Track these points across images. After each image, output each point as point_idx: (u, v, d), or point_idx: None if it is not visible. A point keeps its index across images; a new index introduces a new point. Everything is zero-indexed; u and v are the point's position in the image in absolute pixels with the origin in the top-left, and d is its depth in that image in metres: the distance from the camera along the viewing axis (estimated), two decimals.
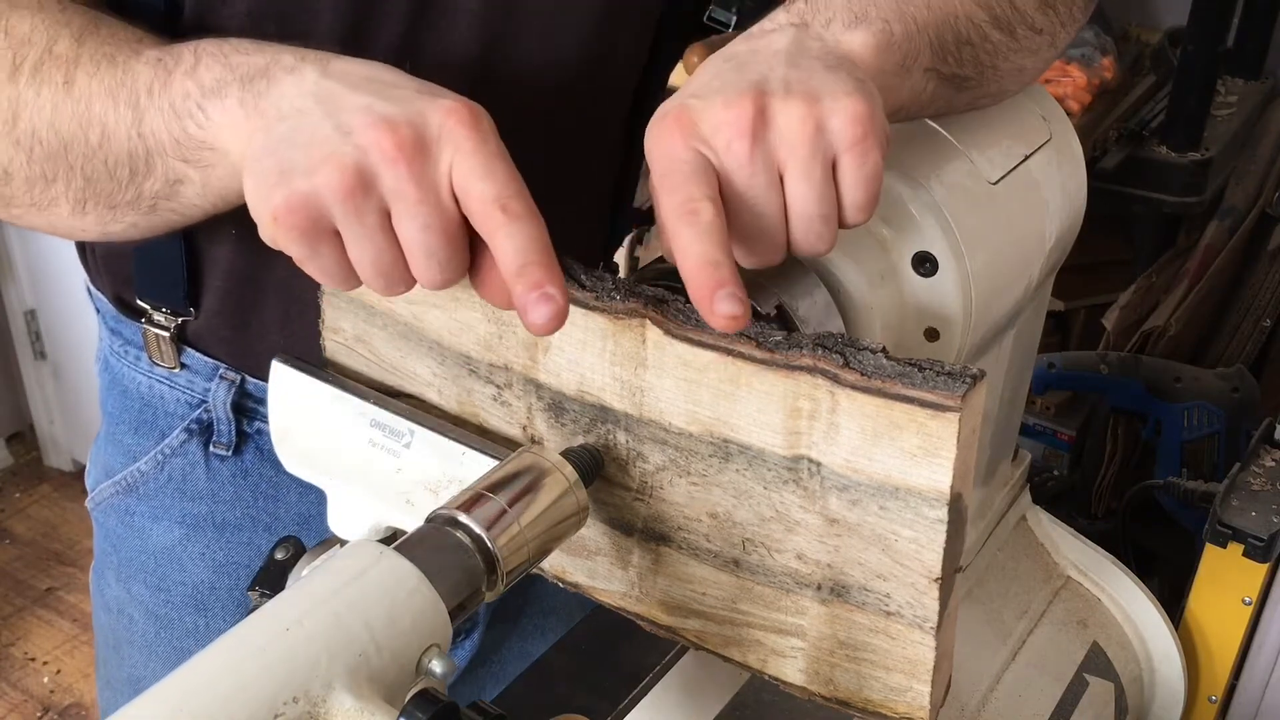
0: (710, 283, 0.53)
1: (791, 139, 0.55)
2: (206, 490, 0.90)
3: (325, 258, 0.56)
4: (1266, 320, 1.56)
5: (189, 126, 0.60)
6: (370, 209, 0.54)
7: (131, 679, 0.98)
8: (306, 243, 0.55)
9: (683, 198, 0.55)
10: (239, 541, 0.91)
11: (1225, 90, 1.98)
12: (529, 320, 0.54)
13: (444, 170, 0.55)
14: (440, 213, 0.54)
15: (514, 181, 0.55)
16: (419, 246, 0.55)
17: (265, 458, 0.89)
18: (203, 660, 0.46)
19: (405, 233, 0.55)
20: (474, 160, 0.54)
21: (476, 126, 0.55)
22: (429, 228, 0.54)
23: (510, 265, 0.54)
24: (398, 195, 0.54)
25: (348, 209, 0.54)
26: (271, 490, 0.90)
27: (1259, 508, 0.90)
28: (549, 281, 0.53)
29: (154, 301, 0.86)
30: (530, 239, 0.54)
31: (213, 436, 0.89)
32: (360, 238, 0.55)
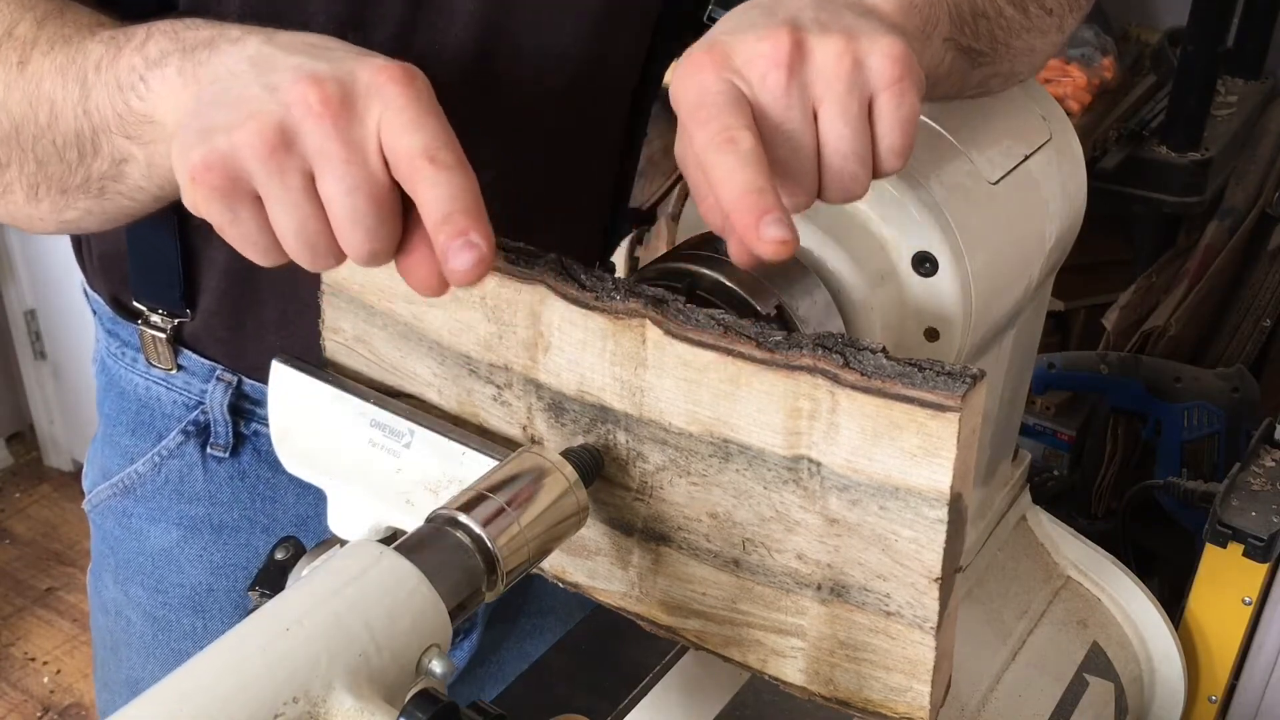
0: (756, 209, 0.51)
1: (829, 74, 0.53)
2: (204, 492, 0.90)
3: (246, 223, 0.53)
4: (1266, 320, 1.56)
5: (131, 100, 0.58)
6: (292, 169, 0.51)
7: (129, 681, 0.97)
8: (225, 204, 0.52)
9: (719, 127, 0.52)
10: (236, 543, 0.91)
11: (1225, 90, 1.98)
12: (449, 268, 0.51)
13: (372, 128, 0.52)
14: (366, 173, 0.51)
15: (444, 133, 0.52)
16: (345, 212, 0.51)
17: (263, 459, 0.89)
18: (203, 660, 0.46)
19: (330, 196, 0.51)
20: (404, 115, 0.51)
21: (409, 83, 0.52)
22: (355, 189, 0.51)
23: (435, 214, 0.51)
24: (322, 154, 0.51)
25: (269, 168, 0.51)
26: (269, 492, 0.90)
27: (1259, 508, 0.90)
28: (474, 229, 0.50)
29: (151, 303, 0.86)
30: (458, 188, 0.51)
31: (210, 438, 0.89)
32: (282, 201, 0.52)
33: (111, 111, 0.59)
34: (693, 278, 0.61)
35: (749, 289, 0.61)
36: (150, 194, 0.62)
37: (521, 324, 0.61)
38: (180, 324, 0.86)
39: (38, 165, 0.63)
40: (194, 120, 0.54)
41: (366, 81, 0.52)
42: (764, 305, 0.61)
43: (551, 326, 0.60)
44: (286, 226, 0.53)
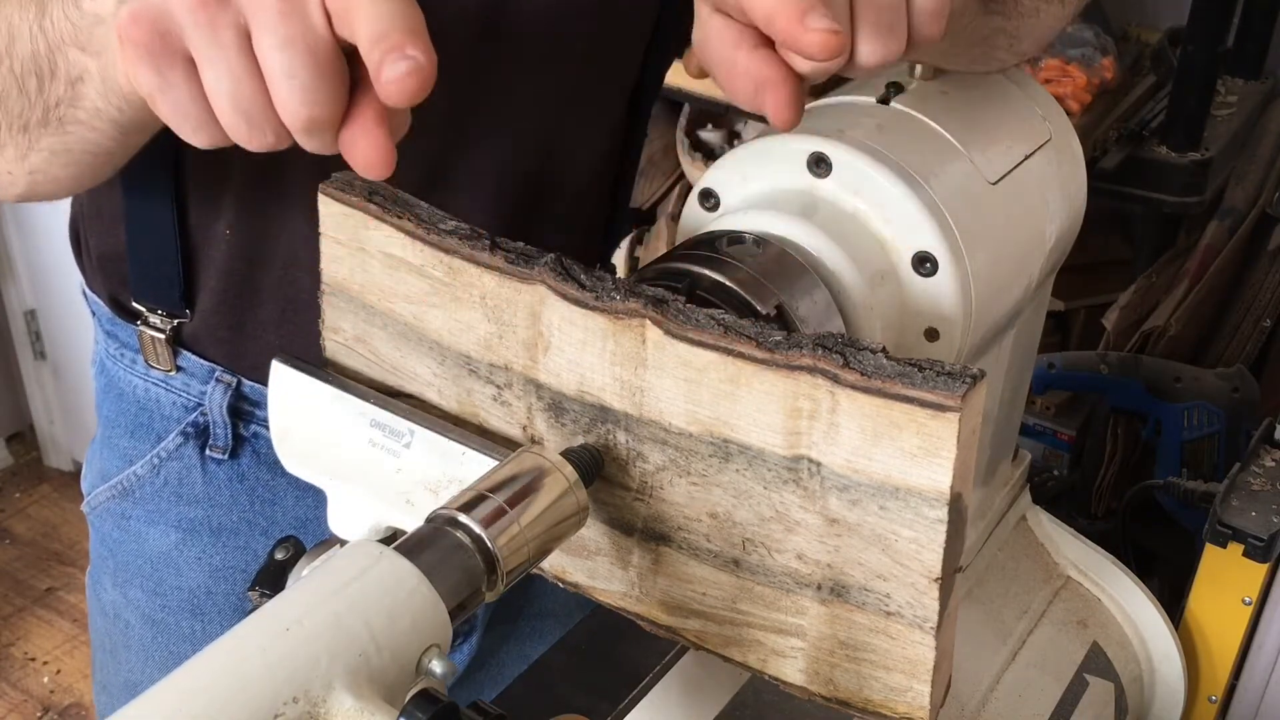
0: (799, 6, 0.49)
1: None
2: (203, 494, 0.90)
3: (177, 87, 0.50)
4: (1266, 320, 1.56)
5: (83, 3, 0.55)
6: (225, 23, 0.48)
7: (128, 683, 0.97)
8: (154, 66, 0.49)
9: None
10: (235, 545, 0.91)
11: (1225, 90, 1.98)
12: (383, 80, 0.47)
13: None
14: (305, 25, 0.48)
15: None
16: (279, 68, 0.48)
17: (262, 461, 0.89)
18: (202, 660, 0.46)
19: (264, 51, 0.48)
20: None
21: None
22: (292, 43, 0.48)
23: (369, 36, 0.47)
24: (256, 4, 0.48)
25: (200, 22, 0.48)
26: (268, 494, 0.90)
27: (1259, 508, 0.90)
28: (411, 44, 0.47)
29: (150, 303, 0.86)
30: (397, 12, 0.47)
31: (209, 440, 0.88)
32: (214, 59, 0.48)
33: (65, 20, 0.56)
34: (693, 278, 0.61)
35: (749, 289, 0.61)
36: (108, 118, 0.59)
37: (521, 324, 0.61)
38: (179, 325, 0.86)
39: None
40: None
41: None
42: (764, 305, 0.61)
43: (551, 326, 0.60)
44: (219, 89, 0.49)
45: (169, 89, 0.50)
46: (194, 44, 0.49)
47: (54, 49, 0.58)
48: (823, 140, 0.66)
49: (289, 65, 0.48)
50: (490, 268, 0.61)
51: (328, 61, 0.49)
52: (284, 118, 0.49)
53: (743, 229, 0.65)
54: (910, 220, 0.65)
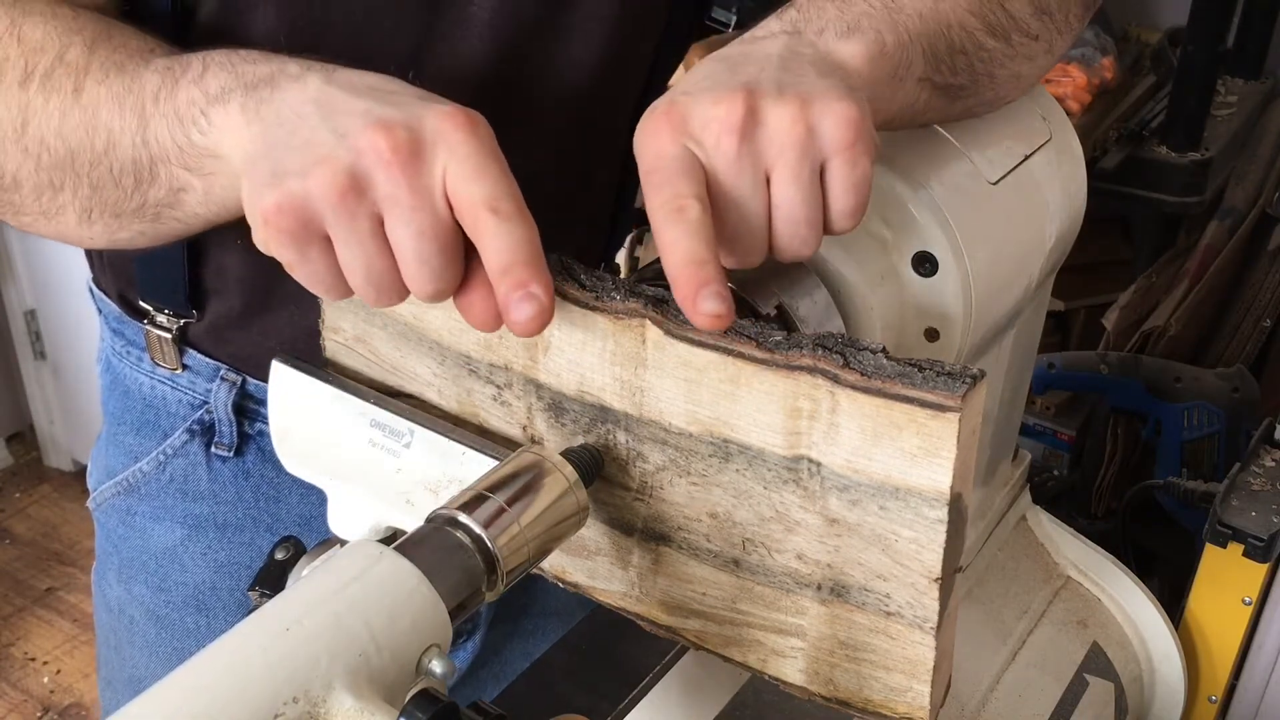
0: (695, 280, 0.53)
1: (781, 140, 0.55)
2: (208, 491, 0.90)
3: (315, 263, 0.55)
4: (1266, 320, 1.56)
5: (192, 134, 0.59)
6: (363, 213, 0.53)
7: (133, 679, 0.98)
8: (296, 246, 0.54)
9: (670, 194, 0.54)
10: (240, 542, 0.91)
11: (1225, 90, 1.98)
12: (511, 319, 0.53)
13: (438, 175, 0.54)
14: (434, 218, 0.53)
15: (506, 183, 0.54)
16: (412, 254, 0.54)
17: (267, 459, 0.89)
18: (203, 660, 0.46)
19: (398, 239, 0.54)
20: (468, 164, 0.53)
21: (473, 131, 0.54)
22: (422, 234, 0.53)
23: (496, 265, 0.53)
24: (391, 200, 0.53)
25: (340, 212, 0.53)
26: (273, 491, 0.90)
27: (1259, 508, 0.90)
28: (534, 281, 0.53)
29: (156, 303, 0.86)
30: (519, 240, 0.53)
31: (214, 437, 0.89)
32: (352, 243, 0.54)
33: (172, 143, 0.60)
34: None
35: (749, 289, 0.61)
36: (205, 219, 0.64)
37: None
38: (186, 324, 0.86)
39: (92, 190, 0.64)
40: (264, 160, 0.55)
41: (433, 128, 0.54)
42: (764, 305, 0.61)
43: (551, 326, 0.60)
44: (354, 267, 0.55)
45: (308, 262, 0.55)
46: (333, 229, 0.54)
47: (157, 161, 0.61)
48: None
49: (419, 253, 0.53)
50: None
51: (451, 247, 0.54)
52: (412, 290, 0.55)
53: None
54: (910, 220, 0.65)
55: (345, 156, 0.53)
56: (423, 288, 0.54)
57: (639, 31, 0.83)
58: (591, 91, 0.81)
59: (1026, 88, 0.73)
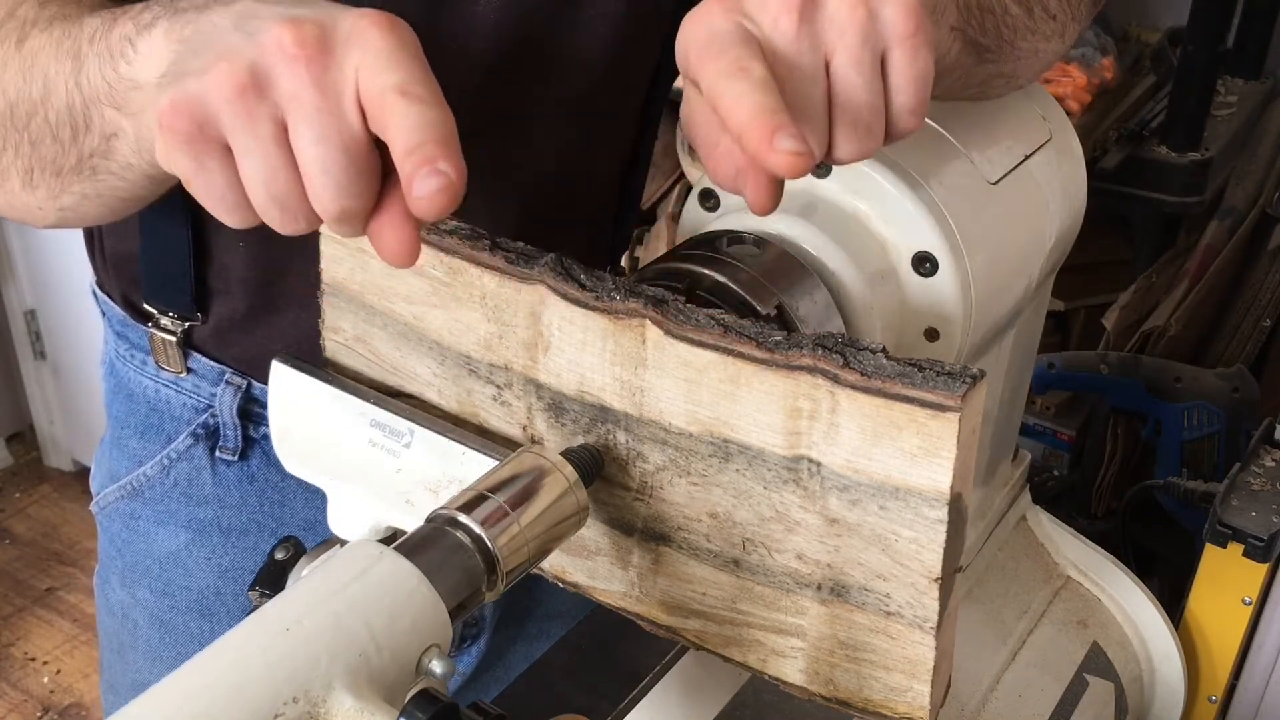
0: (769, 124, 0.49)
1: (842, 22, 0.52)
2: (212, 495, 0.90)
3: (213, 174, 0.51)
4: (1266, 320, 1.56)
5: (120, 66, 0.56)
6: (263, 115, 0.49)
7: (135, 684, 0.97)
8: (192, 152, 0.50)
9: (731, 58, 0.51)
10: (245, 546, 0.91)
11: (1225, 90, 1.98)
12: (414, 197, 0.48)
13: (349, 75, 0.49)
14: (341, 123, 0.49)
15: (421, 71, 0.49)
16: (316, 163, 0.49)
17: (271, 463, 0.89)
18: (203, 660, 0.46)
19: (300, 144, 0.49)
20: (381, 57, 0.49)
21: (392, 29, 0.50)
22: (327, 138, 0.49)
23: (403, 146, 0.48)
24: (294, 100, 0.49)
25: (236, 110, 0.49)
26: (277, 495, 0.90)
27: (1259, 508, 0.90)
28: (442, 158, 0.48)
29: (161, 305, 0.86)
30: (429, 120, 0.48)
31: (219, 441, 0.89)
32: (250, 149, 0.49)
33: (101, 80, 0.57)
34: (693, 278, 0.61)
35: (749, 289, 0.61)
36: (141, 171, 0.60)
37: (521, 324, 0.61)
38: (190, 328, 0.86)
39: (32, 147, 0.62)
40: (169, 69, 0.52)
41: (348, 25, 0.50)
42: (764, 305, 0.61)
43: (551, 326, 0.60)
44: (255, 178, 0.50)
45: (205, 174, 0.51)
46: (231, 134, 0.50)
47: (89, 104, 0.58)
48: None
49: (324, 160, 0.49)
50: (490, 268, 0.61)
51: (361, 157, 0.50)
52: (317, 208, 0.50)
53: (743, 229, 0.65)
54: (910, 220, 0.65)
55: (248, 53, 0.49)
56: (328, 205, 0.50)
57: (646, 23, 0.83)
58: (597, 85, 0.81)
59: (1038, 69, 0.72)
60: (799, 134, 0.49)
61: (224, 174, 0.51)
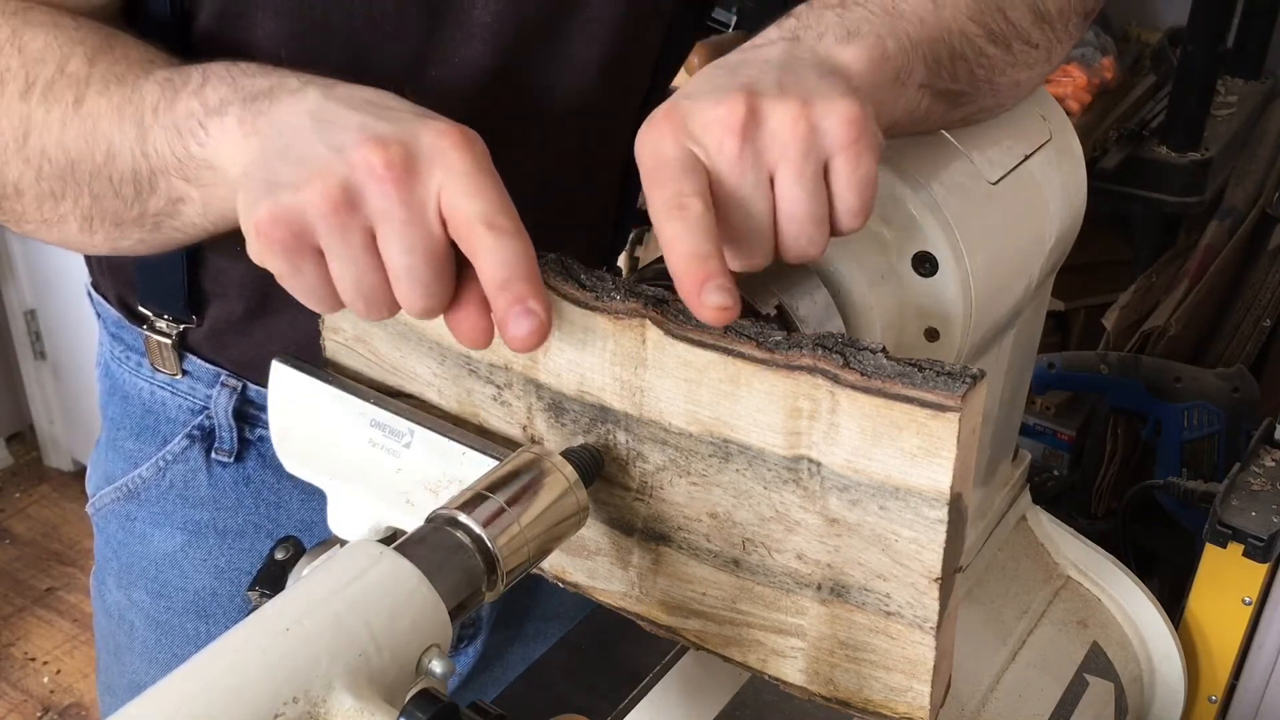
0: (699, 274, 0.53)
1: (784, 138, 0.55)
2: (208, 497, 0.90)
3: (307, 275, 0.55)
4: (1266, 320, 1.55)
5: (190, 145, 0.59)
6: (355, 227, 0.53)
7: (132, 685, 0.97)
8: (289, 259, 0.54)
9: (672, 193, 0.54)
10: (241, 548, 0.91)
11: (1225, 90, 1.98)
12: (510, 335, 0.53)
13: (433, 191, 0.54)
14: (426, 234, 0.53)
15: (501, 200, 0.54)
16: (403, 270, 0.54)
17: (268, 464, 0.89)
18: (202, 660, 0.46)
19: (390, 254, 0.54)
20: (463, 180, 0.53)
21: (469, 148, 0.54)
22: (414, 250, 0.53)
23: (493, 280, 0.53)
24: (384, 215, 0.53)
25: (332, 226, 0.53)
26: (274, 497, 0.90)
27: (1259, 508, 0.90)
28: (532, 296, 0.53)
29: (156, 308, 0.86)
30: (516, 254, 0.53)
31: (215, 443, 0.89)
32: (344, 257, 0.54)
33: (170, 155, 0.60)
34: None
35: (749, 289, 0.61)
36: (204, 229, 0.64)
37: None
38: (185, 330, 0.86)
39: (93, 200, 0.64)
40: (259, 173, 0.55)
41: (429, 144, 0.54)
42: (764, 305, 0.61)
43: None
44: (346, 280, 0.55)
45: (300, 275, 0.55)
46: (325, 243, 0.54)
47: (156, 173, 0.61)
48: None
49: (411, 269, 0.53)
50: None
51: (443, 263, 0.54)
52: (403, 305, 0.55)
53: None
54: (910, 220, 0.65)
55: (339, 170, 0.53)
56: (414, 304, 0.55)
57: (642, 33, 0.83)
58: (594, 93, 0.81)
59: (1025, 94, 0.73)
60: (726, 284, 0.53)
61: (317, 274, 0.55)
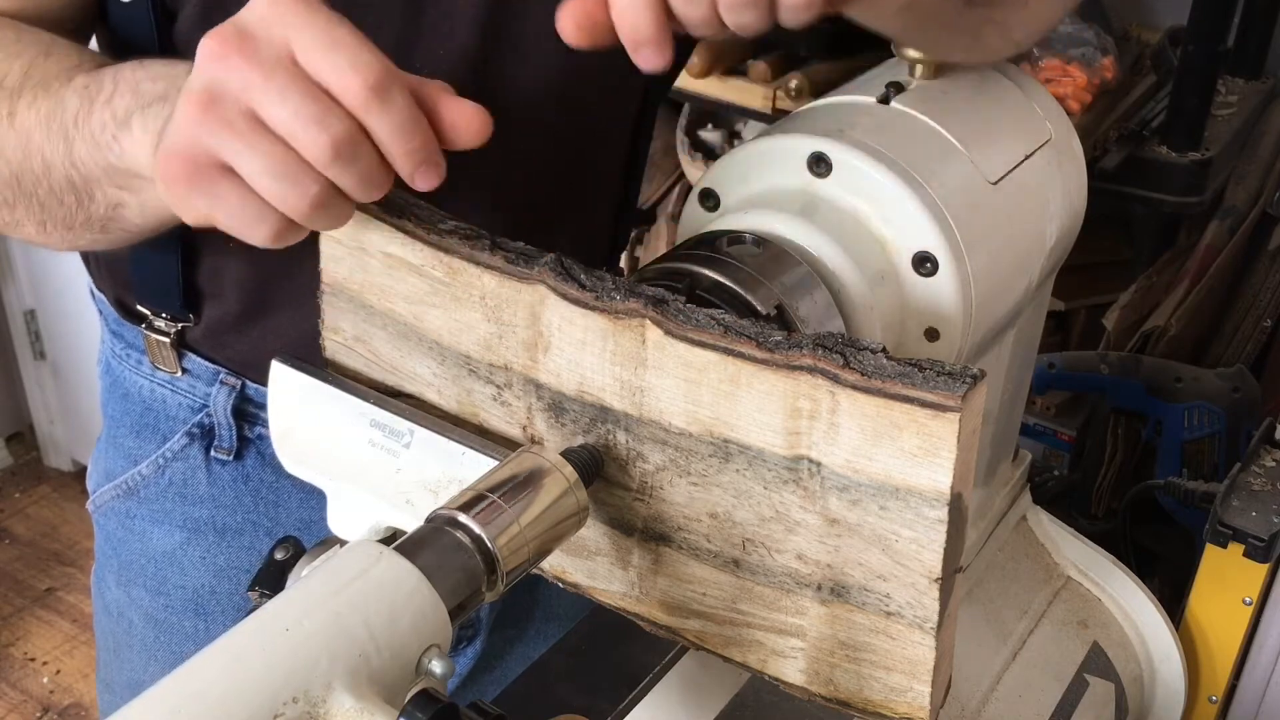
0: None
1: None
2: (207, 495, 0.90)
3: (229, 195, 0.54)
4: (1267, 320, 1.56)
5: (109, 157, 0.61)
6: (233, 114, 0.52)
7: (131, 683, 0.97)
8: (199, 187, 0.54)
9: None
10: (240, 546, 0.91)
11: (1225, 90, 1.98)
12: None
13: (280, 47, 0.52)
14: (292, 78, 0.52)
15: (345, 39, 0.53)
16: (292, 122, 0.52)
17: (267, 463, 0.89)
18: (202, 660, 0.46)
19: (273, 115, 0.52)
20: (306, 33, 0.52)
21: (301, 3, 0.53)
22: (287, 96, 0.52)
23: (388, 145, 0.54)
24: (247, 86, 0.52)
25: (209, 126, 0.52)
26: (272, 495, 0.90)
27: (1259, 508, 0.90)
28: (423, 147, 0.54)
29: (153, 307, 0.86)
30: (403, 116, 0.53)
31: (214, 441, 0.89)
32: (240, 150, 0.53)
33: (95, 166, 0.62)
34: (693, 278, 0.61)
35: (749, 289, 0.61)
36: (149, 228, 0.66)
37: (521, 324, 0.61)
38: (184, 328, 0.86)
39: (41, 207, 0.66)
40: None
41: (257, 17, 0.53)
42: (764, 305, 0.61)
43: (551, 326, 0.60)
44: (257, 172, 0.53)
45: (220, 200, 0.54)
46: (218, 147, 0.53)
47: (89, 182, 0.63)
48: (823, 140, 0.66)
49: (298, 113, 0.52)
50: (490, 268, 0.61)
51: (325, 101, 0.53)
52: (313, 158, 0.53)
53: (743, 229, 0.65)
54: (910, 220, 0.65)
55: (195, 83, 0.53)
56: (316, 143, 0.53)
57: None
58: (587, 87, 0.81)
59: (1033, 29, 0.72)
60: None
61: (237, 191, 0.54)
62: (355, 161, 0.54)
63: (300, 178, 0.53)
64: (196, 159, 0.53)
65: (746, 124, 2.00)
